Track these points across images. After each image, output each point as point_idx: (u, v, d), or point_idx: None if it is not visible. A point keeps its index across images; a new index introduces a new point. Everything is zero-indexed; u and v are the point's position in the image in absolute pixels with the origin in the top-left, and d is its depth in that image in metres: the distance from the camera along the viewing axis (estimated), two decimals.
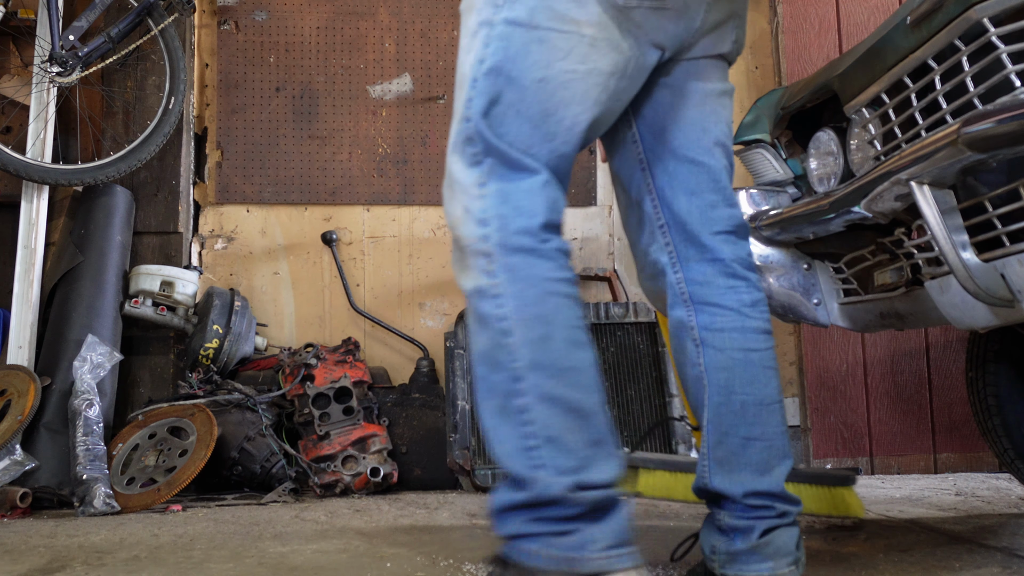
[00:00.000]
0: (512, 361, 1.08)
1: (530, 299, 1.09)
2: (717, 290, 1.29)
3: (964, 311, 1.48)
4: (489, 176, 1.12)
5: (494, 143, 1.12)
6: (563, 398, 1.07)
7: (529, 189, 1.11)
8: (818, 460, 3.19)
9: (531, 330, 1.08)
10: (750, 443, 1.26)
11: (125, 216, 3.06)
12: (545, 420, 1.07)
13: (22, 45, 3.18)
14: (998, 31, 1.26)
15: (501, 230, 1.10)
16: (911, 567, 1.50)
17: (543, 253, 1.10)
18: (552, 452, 1.06)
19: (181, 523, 2.19)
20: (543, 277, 1.10)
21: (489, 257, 1.10)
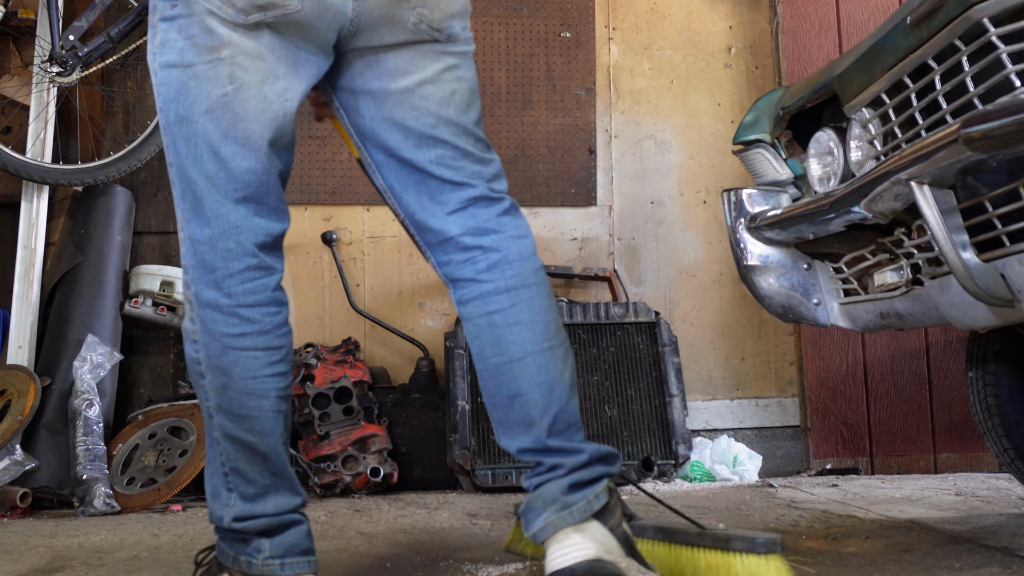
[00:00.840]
0: (206, 399, 1.25)
1: (214, 351, 1.22)
2: (457, 266, 1.35)
3: (964, 311, 1.48)
4: (183, 222, 1.24)
5: (183, 186, 1.23)
6: (241, 439, 1.24)
7: (210, 241, 1.22)
8: (818, 460, 3.19)
9: (215, 378, 1.23)
10: (513, 401, 1.30)
11: (125, 216, 3.06)
12: (230, 453, 1.24)
13: (22, 45, 3.18)
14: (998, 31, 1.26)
15: (195, 282, 1.23)
16: (911, 567, 1.50)
17: (225, 309, 1.22)
18: (237, 480, 1.25)
19: (181, 523, 2.19)
20: (223, 333, 1.22)
21: (191, 305, 1.24)
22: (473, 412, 2.80)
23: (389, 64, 1.31)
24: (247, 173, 1.22)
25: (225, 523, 1.26)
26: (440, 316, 3.36)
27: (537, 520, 1.24)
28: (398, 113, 1.32)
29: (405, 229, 1.41)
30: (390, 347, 3.31)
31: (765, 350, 3.43)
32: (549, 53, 3.51)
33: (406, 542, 1.84)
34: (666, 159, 3.46)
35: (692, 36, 3.55)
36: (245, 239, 1.23)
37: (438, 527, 2.03)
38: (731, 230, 1.93)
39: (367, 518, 2.22)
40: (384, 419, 2.90)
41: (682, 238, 3.45)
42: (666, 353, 2.99)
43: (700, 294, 3.43)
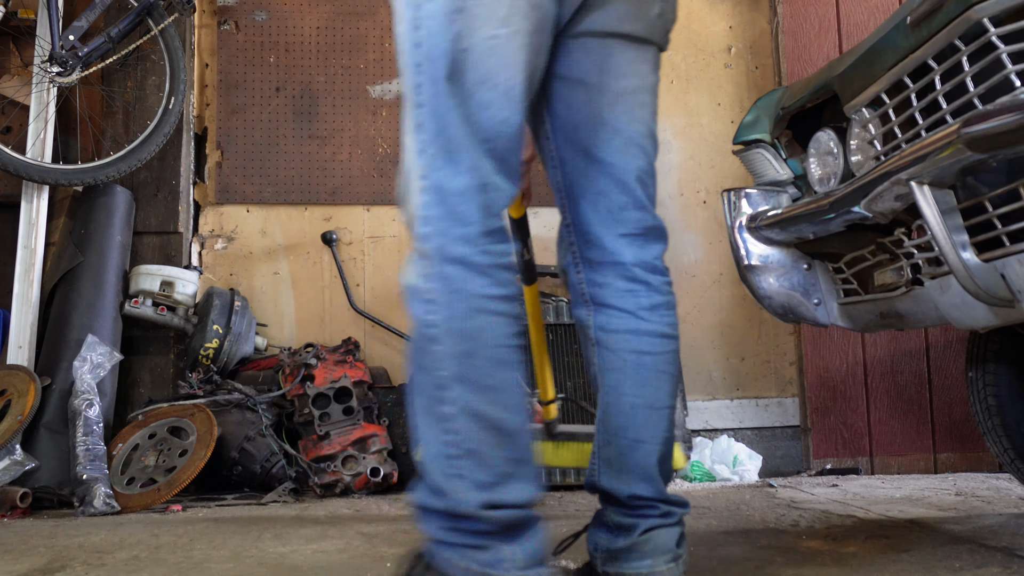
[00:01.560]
0: (438, 369, 1.07)
1: (459, 313, 1.07)
2: (615, 292, 1.30)
3: (964, 311, 1.48)
4: (429, 169, 1.09)
5: (437, 129, 1.09)
6: (486, 415, 1.06)
7: (464, 191, 1.08)
8: (818, 460, 3.19)
9: (458, 344, 1.07)
10: (638, 445, 1.27)
11: (125, 216, 3.06)
12: (468, 433, 1.06)
13: (22, 45, 3.18)
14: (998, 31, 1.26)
15: (441, 235, 1.08)
16: (911, 567, 1.50)
17: (478, 267, 1.08)
18: (472, 465, 1.06)
19: (181, 523, 2.19)
20: (475, 293, 1.07)
21: (428, 259, 1.08)
22: None
23: (613, 59, 1.26)
24: (502, 125, 1.11)
25: (462, 510, 1.05)
26: None
27: (641, 562, 1.25)
28: (611, 112, 1.27)
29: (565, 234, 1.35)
30: (390, 347, 3.31)
31: (765, 350, 3.43)
32: None
33: (406, 542, 1.84)
34: (666, 159, 3.46)
35: (692, 36, 3.55)
36: (499, 198, 1.11)
37: None
38: (731, 230, 1.93)
39: (367, 518, 2.22)
40: (384, 419, 2.90)
41: (682, 238, 3.45)
42: None
43: (700, 294, 3.43)
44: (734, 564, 1.55)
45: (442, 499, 1.07)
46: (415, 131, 1.11)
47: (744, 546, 1.73)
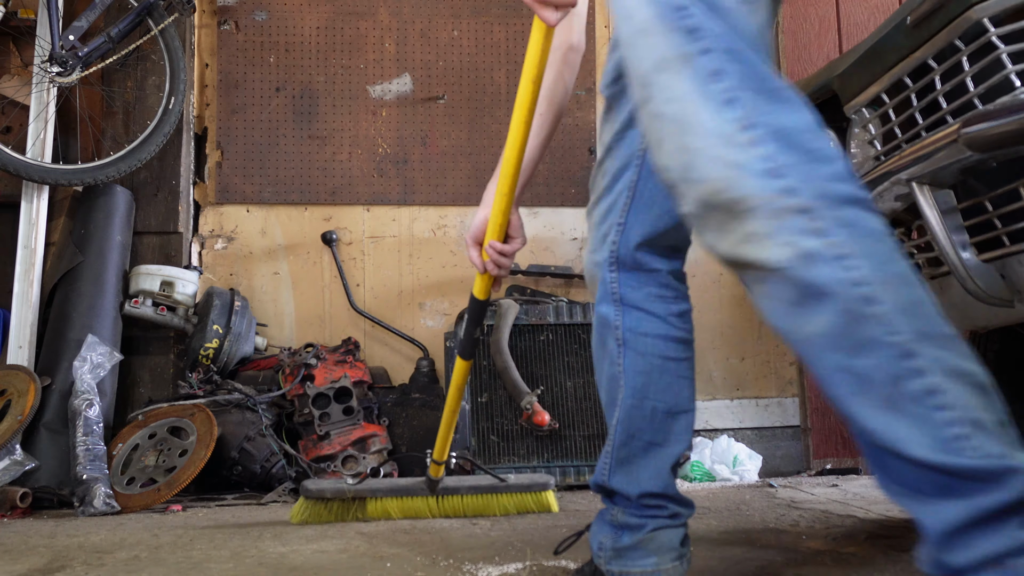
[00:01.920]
0: (892, 334, 0.84)
1: (885, 256, 0.86)
2: (648, 297, 1.30)
3: (964, 311, 1.48)
4: (754, 115, 0.90)
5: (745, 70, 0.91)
6: (966, 370, 0.84)
7: (811, 127, 0.90)
8: (818, 460, 3.19)
9: (902, 293, 0.85)
10: (652, 448, 1.28)
11: (125, 216, 3.07)
12: (964, 400, 0.82)
13: (22, 45, 3.18)
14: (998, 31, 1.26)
15: (810, 179, 0.87)
16: (911, 567, 1.50)
17: (867, 204, 0.88)
18: (985, 438, 0.82)
19: (181, 523, 2.19)
20: (883, 231, 0.87)
21: (809, 213, 0.86)
22: (473, 412, 2.80)
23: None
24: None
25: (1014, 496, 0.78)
26: (440, 316, 3.36)
27: (647, 560, 1.25)
28: None
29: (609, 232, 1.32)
30: (390, 347, 3.31)
31: (765, 350, 3.43)
32: None
33: (406, 542, 1.84)
34: None
35: None
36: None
37: (438, 527, 2.04)
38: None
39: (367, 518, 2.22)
40: (384, 419, 2.90)
41: None
42: None
43: (700, 294, 3.43)
44: (734, 564, 1.55)
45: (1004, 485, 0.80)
46: (709, 81, 0.91)
47: (744, 546, 1.73)
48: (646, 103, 0.97)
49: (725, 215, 0.90)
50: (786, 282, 0.88)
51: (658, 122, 0.95)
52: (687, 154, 0.92)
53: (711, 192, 0.90)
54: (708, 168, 0.90)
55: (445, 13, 3.50)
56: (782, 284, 0.88)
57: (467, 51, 3.48)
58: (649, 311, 1.29)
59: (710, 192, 0.90)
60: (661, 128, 0.95)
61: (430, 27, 3.48)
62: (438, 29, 3.49)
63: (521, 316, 2.89)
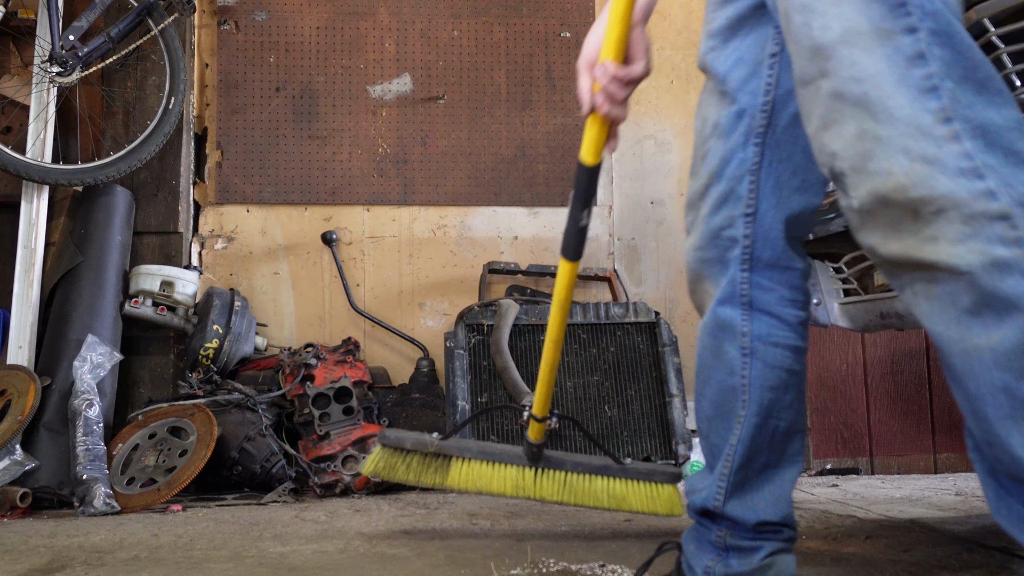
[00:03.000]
0: None
1: None
2: (780, 300, 1.15)
3: None
4: (955, 108, 0.81)
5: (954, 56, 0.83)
6: None
7: (1018, 123, 0.82)
8: (818, 460, 3.19)
9: None
10: (768, 470, 1.17)
11: (125, 216, 3.07)
12: None
13: (22, 45, 3.18)
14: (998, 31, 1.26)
15: (1012, 183, 0.80)
16: (911, 567, 1.50)
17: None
18: None
19: (181, 523, 2.19)
20: None
21: (1009, 220, 0.79)
22: (473, 412, 2.80)
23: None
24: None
25: None
26: (440, 316, 3.36)
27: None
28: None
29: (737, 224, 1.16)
30: (390, 347, 3.31)
31: None
32: (549, 53, 3.50)
33: (406, 542, 1.84)
34: (666, 159, 3.46)
35: (692, 36, 3.55)
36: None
37: (438, 527, 2.03)
38: None
39: (367, 518, 2.22)
40: (384, 419, 2.90)
41: (682, 238, 3.45)
42: (666, 353, 2.98)
43: None
44: None
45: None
46: (910, 64, 0.83)
47: None
48: (821, 78, 0.87)
49: (904, 213, 0.83)
50: (968, 289, 0.81)
51: (836, 102, 0.86)
52: (869, 142, 0.84)
53: (894, 187, 0.82)
54: (894, 161, 0.82)
55: (445, 13, 3.50)
56: (962, 290, 0.81)
57: (467, 51, 3.48)
58: (781, 317, 1.15)
59: (893, 187, 0.82)
60: (838, 110, 0.86)
61: (430, 27, 3.48)
62: (438, 29, 3.49)
63: (521, 316, 2.89)
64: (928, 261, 0.83)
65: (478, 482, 1.75)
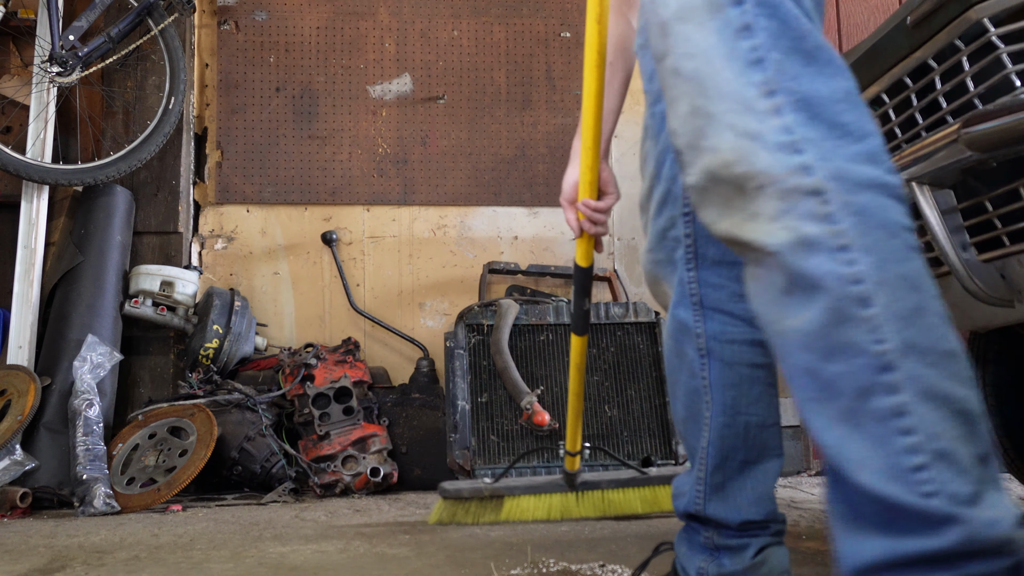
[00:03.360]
0: (875, 342, 0.74)
1: (892, 254, 0.75)
2: (731, 296, 1.13)
3: (964, 311, 1.48)
4: (780, 80, 0.78)
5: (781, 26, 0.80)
6: (949, 395, 0.74)
7: (847, 94, 0.79)
8: (818, 460, 3.19)
9: (901, 298, 0.75)
10: (748, 467, 1.15)
11: (125, 216, 3.07)
12: (932, 426, 0.73)
13: (22, 45, 3.18)
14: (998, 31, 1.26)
15: (830, 157, 0.76)
16: None
17: (892, 190, 0.77)
18: (947, 472, 0.72)
19: (181, 523, 2.19)
20: (901, 225, 0.76)
21: (821, 196, 0.76)
22: (473, 412, 2.80)
23: None
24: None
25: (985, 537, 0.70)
26: (440, 316, 3.36)
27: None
28: None
29: (678, 224, 1.16)
30: (390, 347, 3.31)
31: None
32: (549, 53, 3.50)
33: (406, 542, 1.84)
34: None
35: None
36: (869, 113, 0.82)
37: (438, 527, 2.04)
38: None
39: (367, 518, 2.22)
40: (384, 419, 2.90)
41: None
42: None
43: None
44: None
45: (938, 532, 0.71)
46: (737, 36, 0.80)
47: None
48: (664, 56, 0.86)
49: (732, 190, 0.80)
50: (779, 268, 0.78)
51: (674, 79, 0.84)
52: (700, 118, 0.81)
53: (721, 164, 0.80)
54: (721, 136, 0.80)
55: (445, 13, 3.50)
56: (775, 270, 0.79)
57: (467, 51, 3.48)
58: (733, 313, 1.13)
59: (719, 163, 0.80)
60: (677, 86, 0.84)
61: (430, 27, 3.48)
62: (438, 29, 3.48)
63: (521, 316, 2.89)
64: (746, 239, 0.80)
65: (528, 513, 2.03)
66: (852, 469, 0.75)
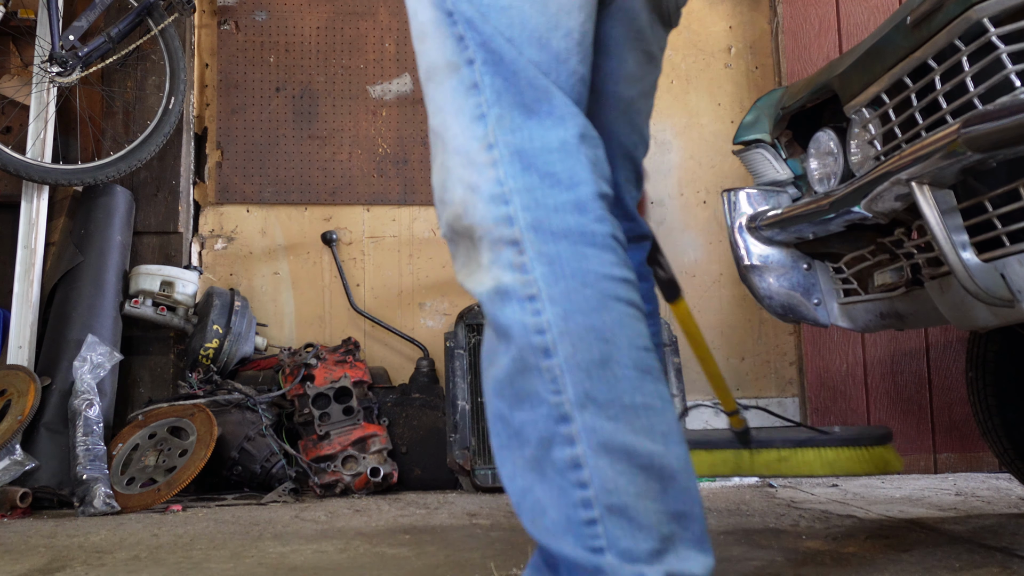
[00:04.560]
0: (554, 392, 0.74)
1: (582, 304, 0.75)
2: None
3: (964, 311, 1.48)
4: (498, 131, 0.79)
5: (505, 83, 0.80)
6: (632, 449, 0.73)
7: (562, 146, 0.79)
8: None
9: (584, 349, 0.74)
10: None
11: (125, 216, 3.06)
12: (606, 480, 0.72)
13: (22, 45, 3.18)
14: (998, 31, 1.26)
15: (532, 207, 0.77)
16: (911, 567, 1.50)
17: (596, 239, 0.77)
18: (619, 528, 0.71)
19: (181, 523, 2.19)
20: (600, 274, 0.76)
21: (517, 246, 0.77)
22: (473, 412, 2.80)
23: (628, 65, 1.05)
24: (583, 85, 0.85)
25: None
26: (440, 316, 3.36)
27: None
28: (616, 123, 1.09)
29: None
30: (390, 347, 3.31)
31: (765, 350, 3.43)
32: None
33: (406, 542, 1.84)
34: (666, 159, 3.46)
35: (692, 36, 3.55)
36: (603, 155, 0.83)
37: (438, 527, 2.03)
38: (731, 230, 1.93)
39: (367, 518, 2.22)
40: (384, 419, 2.90)
41: (682, 238, 3.45)
42: (666, 353, 2.98)
43: (700, 294, 3.43)
44: (734, 564, 1.55)
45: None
46: (467, 93, 0.81)
47: (744, 546, 1.73)
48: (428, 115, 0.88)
49: (468, 242, 0.82)
50: (488, 317, 0.80)
51: (431, 136, 0.86)
52: (443, 172, 0.83)
53: (454, 216, 0.82)
54: (455, 190, 0.81)
55: None
56: (488, 318, 0.81)
57: None
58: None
59: (454, 216, 0.82)
60: (432, 143, 0.86)
61: None
62: None
63: None
64: (470, 289, 0.83)
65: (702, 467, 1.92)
66: (533, 518, 0.75)
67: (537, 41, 0.81)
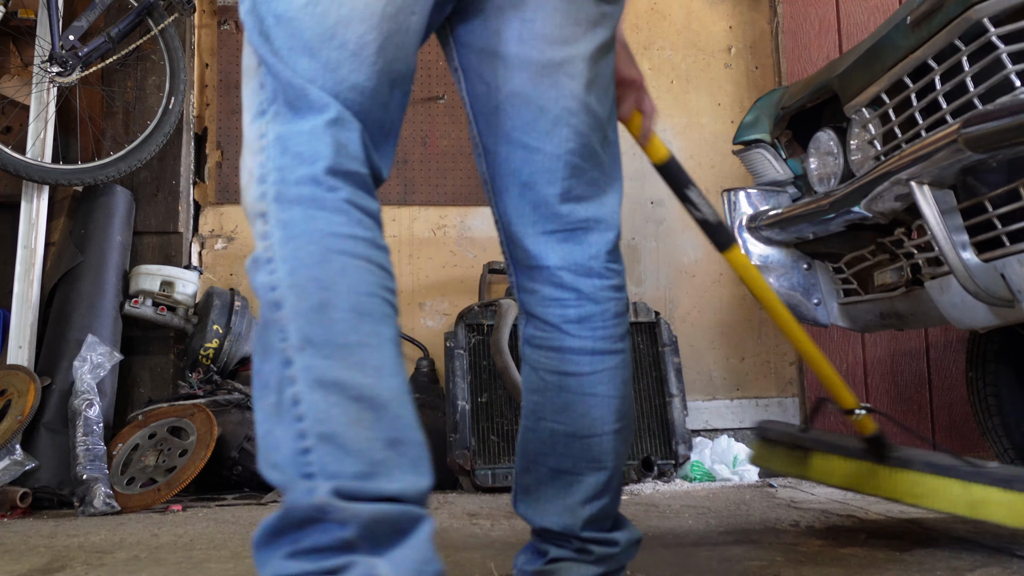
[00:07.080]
0: (281, 340, 0.81)
1: (306, 259, 0.83)
2: (541, 302, 1.12)
3: (964, 311, 1.48)
4: (270, 124, 0.89)
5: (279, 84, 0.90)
6: (343, 382, 0.79)
7: (311, 131, 0.88)
8: None
9: (304, 298, 0.82)
10: (558, 476, 1.12)
11: (125, 216, 3.07)
12: (319, 412, 0.78)
13: (22, 45, 3.18)
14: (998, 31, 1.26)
15: (279, 182, 0.85)
16: (911, 567, 1.50)
17: (326, 204, 0.85)
18: (328, 454, 0.77)
19: (181, 523, 2.19)
20: (326, 232, 0.84)
21: (264, 217, 0.86)
22: (473, 412, 2.80)
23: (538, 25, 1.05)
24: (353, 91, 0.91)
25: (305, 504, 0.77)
26: (440, 316, 3.36)
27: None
28: (536, 88, 1.07)
29: (499, 234, 1.17)
30: None
31: (765, 350, 3.43)
32: None
33: None
34: None
35: (692, 36, 3.55)
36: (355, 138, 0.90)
37: (439, 527, 2.03)
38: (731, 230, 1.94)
39: None
40: None
41: (682, 238, 3.45)
42: (666, 353, 2.99)
43: (700, 294, 3.44)
44: (734, 564, 1.55)
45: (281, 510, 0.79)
46: (256, 94, 0.92)
47: (744, 546, 1.73)
48: None
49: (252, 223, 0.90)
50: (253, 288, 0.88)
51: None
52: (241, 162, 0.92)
53: (243, 200, 0.90)
54: (242, 176, 0.90)
55: None
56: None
57: None
58: (543, 319, 1.12)
59: (243, 200, 0.90)
60: None
61: None
62: None
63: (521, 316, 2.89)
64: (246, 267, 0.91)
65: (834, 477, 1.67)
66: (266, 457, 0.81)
67: (308, 51, 0.90)
